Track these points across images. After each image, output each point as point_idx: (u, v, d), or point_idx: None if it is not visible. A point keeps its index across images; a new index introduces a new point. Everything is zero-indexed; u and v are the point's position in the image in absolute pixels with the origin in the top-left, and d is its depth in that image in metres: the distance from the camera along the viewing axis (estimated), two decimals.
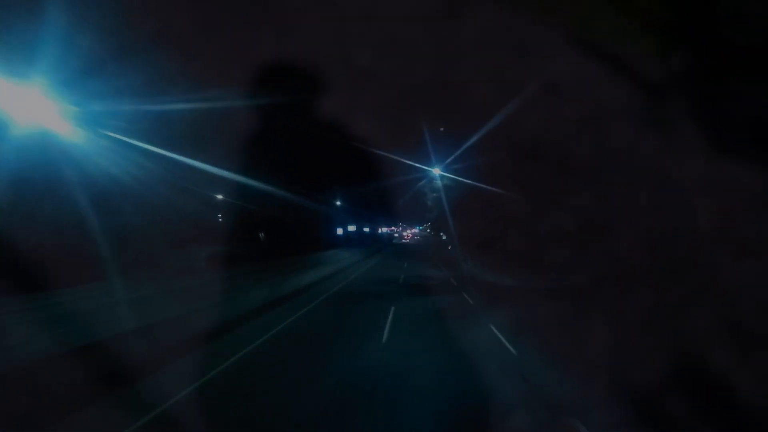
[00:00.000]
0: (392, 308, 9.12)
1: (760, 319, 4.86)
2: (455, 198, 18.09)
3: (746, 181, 5.25)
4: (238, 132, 13.32)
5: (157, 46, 8.60)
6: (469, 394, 4.60)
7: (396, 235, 72.87)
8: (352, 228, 41.32)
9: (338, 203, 34.49)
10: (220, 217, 17.73)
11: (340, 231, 37.85)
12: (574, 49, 6.31)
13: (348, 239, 38.40)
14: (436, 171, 19.35)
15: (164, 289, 9.11)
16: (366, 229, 49.85)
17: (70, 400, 3.92)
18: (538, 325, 7.21)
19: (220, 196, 17.95)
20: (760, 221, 5.20)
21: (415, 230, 75.20)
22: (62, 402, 3.86)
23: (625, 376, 5.43)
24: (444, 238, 44.85)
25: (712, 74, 5.26)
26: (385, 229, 66.39)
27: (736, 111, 5.18)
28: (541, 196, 7.99)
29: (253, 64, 10.66)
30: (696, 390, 5.19)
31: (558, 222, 7.31)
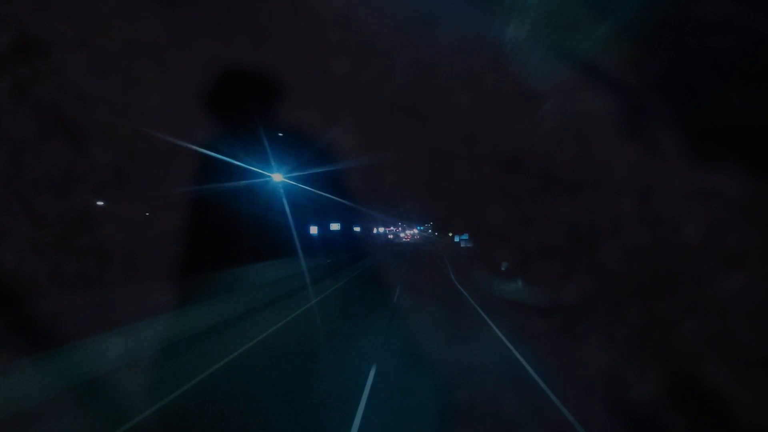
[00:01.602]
0: None
1: (752, 332, 4.81)
2: None
3: (730, 189, 5.18)
4: None
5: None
6: None
7: (391, 236, 65.72)
8: (335, 227, 30.78)
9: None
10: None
11: (314, 230, 25.77)
12: (555, 59, 6.17)
13: (328, 242, 26.52)
14: None
15: None
16: (357, 229, 40.31)
17: None
18: None
19: None
20: (746, 231, 5.14)
21: (415, 231, 73.66)
22: None
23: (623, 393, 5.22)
24: (460, 239, 31.20)
25: (693, 81, 5.18)
26: (382, 229, 60.88)
27: (718, 118, 5.11)
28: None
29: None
30: (692, 405, 5.10)
31: None
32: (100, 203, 11.12)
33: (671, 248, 5.63)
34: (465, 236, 31.64)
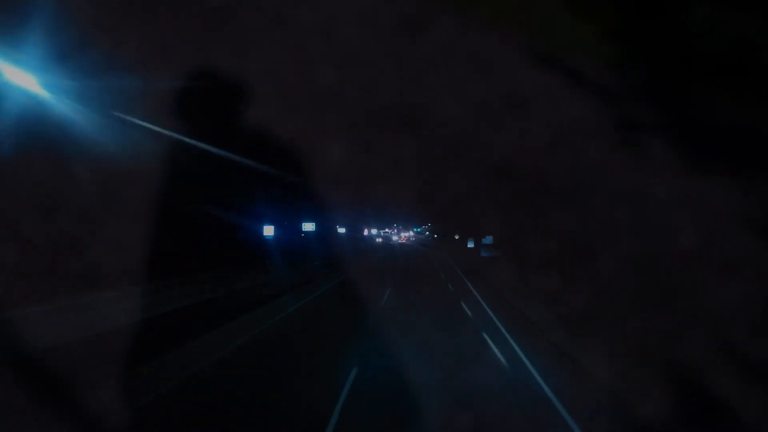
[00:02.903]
0: None
1: (753, 341, 4.68)
2: None
3: (723, 195, 5.10)
4: None
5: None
6: None
7: (379, 240, 60.85)
8: (309, 227, 25.35)
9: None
10: None
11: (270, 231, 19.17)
12: (541, 65, 6.09)
13: (287, 247, 19.87)
14: None
15: None
16: (342, 230, 36.51)
17: None
18: None
19: None
20: (741, 237, 5.05)
21: (411, 233, 71.83)
22: None
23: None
24: (481, 244, 22.01)
25: (682, 85, 5.13)
26: (375, 231, 57.25)
27: (708, 122, 5.06)
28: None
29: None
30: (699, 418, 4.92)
31: None
32: None
33: None
34: (488, 239, 22.27)
